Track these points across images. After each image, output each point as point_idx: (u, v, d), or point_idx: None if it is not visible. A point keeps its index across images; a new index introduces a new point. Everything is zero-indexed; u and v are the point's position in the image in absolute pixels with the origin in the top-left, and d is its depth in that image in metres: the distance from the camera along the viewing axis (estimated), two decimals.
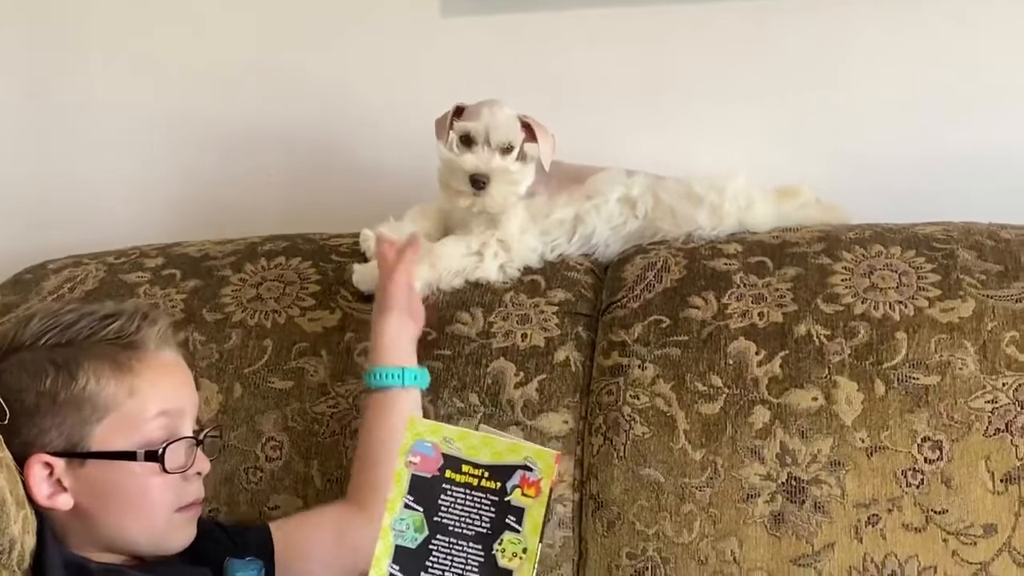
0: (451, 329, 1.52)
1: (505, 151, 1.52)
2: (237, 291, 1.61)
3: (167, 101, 1.96)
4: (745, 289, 1.49)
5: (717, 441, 1.40)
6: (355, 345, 1.53)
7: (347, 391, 1.50)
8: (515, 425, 1.46)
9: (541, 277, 1.57)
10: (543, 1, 1.82)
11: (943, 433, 1.35)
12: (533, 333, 1.51)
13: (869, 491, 1.35)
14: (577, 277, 1.58)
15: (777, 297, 1.47)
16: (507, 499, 1.06)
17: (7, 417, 1.18)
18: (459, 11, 1.85)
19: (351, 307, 1.57)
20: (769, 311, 1.46)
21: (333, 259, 1.63)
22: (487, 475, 1.06)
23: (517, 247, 1.56)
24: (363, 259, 1.61)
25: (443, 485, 1.07)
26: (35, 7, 1.97)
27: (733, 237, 1.58)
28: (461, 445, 1.07)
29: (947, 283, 1.44)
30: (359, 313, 1.56)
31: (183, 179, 1.97)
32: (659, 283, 1.53)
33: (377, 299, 1.48)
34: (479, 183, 1.51)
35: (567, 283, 1.57)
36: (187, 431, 1.25)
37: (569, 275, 1.58)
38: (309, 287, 1.60)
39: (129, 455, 1.20)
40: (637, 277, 1.54)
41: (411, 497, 1.07)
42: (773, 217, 1.61)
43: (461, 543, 1.06)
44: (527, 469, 1.06)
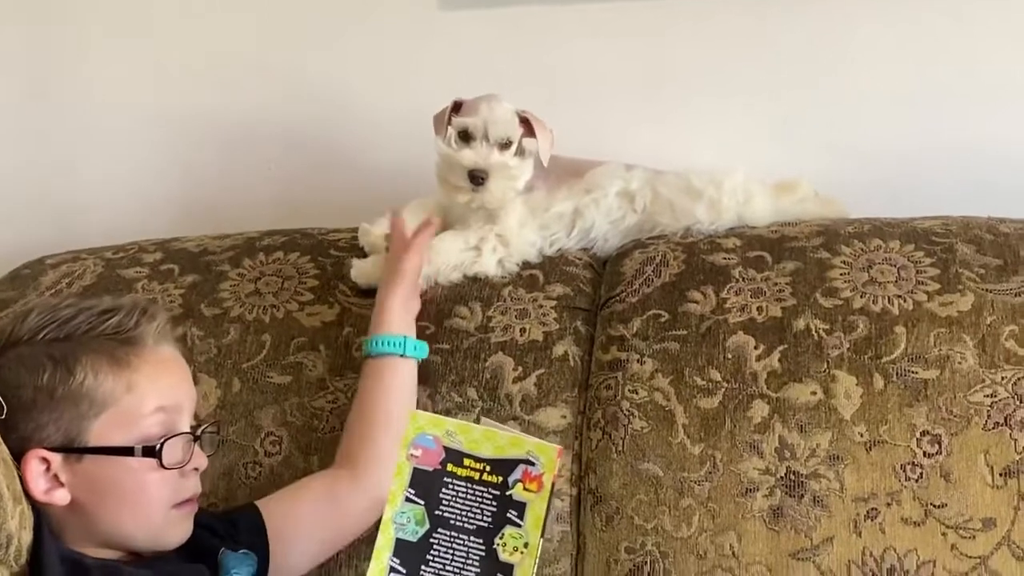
0: (449, 323, 1.52)
1: (503, 146, 1.52)
2: (235, 286, 1.61)
3: (166, 97, 1.96)
4: (744, 283, 1.49)
5: (716, 435, 1.40)
6: (354, 340, 1.52)
7: (346, 386, 1.50)
8: (513, 420, 1.46)
9: (540, 272, 1.57)
10: None
11: (942, 427, 1.35)
12: (532, 327, 1.51)
13: (868, 485, 1.35)
14: (576, 272, 1.58)
15: (776, 291, 1.47)
16: (508, 493, 1.06)
17: (4, 412, 1.18)
18: (457, 4, 1.84)
19: (350, 302, 1.57)
20: (768, 305, 1.46)
21: (332, 254, 1.63)
22: (489, 469, 1.06)
23: (516, 241, 1.56)
24: (362, 254, 1.61)
25: (444, 479, 1.07)
26: (35, 7, 1.97)
27: (732, 231, 1.57)
28: (463, 439, 1.07)
29: (946, 277, 1.44)
30: (358, 308, 1.56)
31: (182, 175, 1.97)
32: (658, 277, 1.53)
33: (385, 274, 1.48)
34: (478, 179, 1.50)
35: (566, 278, 1.56)
36: (185, 427, 1.24)
37: (568, 270, 1.57)
38: (308, 282, 1.60)
39: (126, 450, 1.20)
40: (636, 271, 1.54)
41: (412, 490, 1.07)
42: (772, 211, 1.61)
43: (462, 537, 1.06)
44: (529, 463, 1.06)
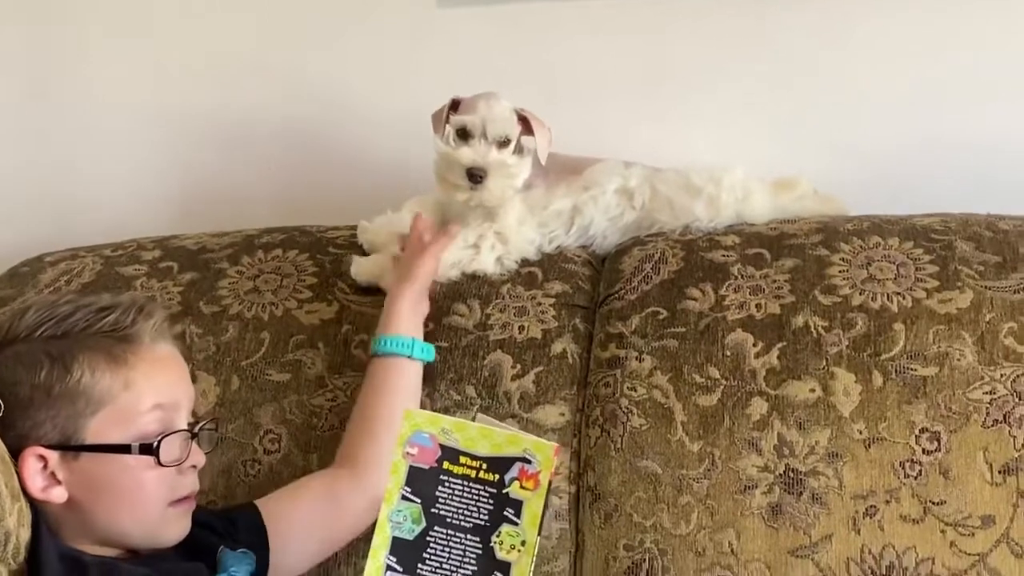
0: (448, 321, 1.52)
1: (502, 144, 1.51)
2: (234, 284, 1.61)
3: (165, 96, 1.96)
4: (743, 281, 1.49)
5: (715, 433, 1.40)
6: (353, 337, 1.53)
7: (345, 383, 1.50)
8: (512, 417, 1.45)
9: (538, 269, 1.56)
10: None
11: (941, 424, 1.35)
12: (530, 325, 1.51)
13: (867, 482, 1.35)
14: (574, 269, 1.57)
15: (775, 289, 1.47)
16: (505, 491, 1.06)
17: (1, 409, 1.18)
18: (456, 2, 1.84)
19: (348, 299, 1.57)
20: (767, 303, 1.46)
21: (330, 251, 1.63)
22: (485, 467, 1.06)
23: (514, 239, 1.56)
24: (361, 251, 1.61)
25: (441, 477, 1.06)
26: (35, 7, 1.97)
27: (731, 229, 1.57)
28: (459, 436, 1.07)
29: (945, 274, 1.44)
30: (356, 305, 1.56)
31: (181, 173, 1.97)
32: (657, 275, 1.52)
33: (397, 274, 1.48)
34: (476, 177, 1.50)
35: (564, 275, 1.56)
36: (182, 424, 1.24)
37: (566, 267, 1.57)
38: (306, 279, 1.60)
39: (123, 448, 1.19)
40: (635, 269, 1.54)
41: (408, 488, 1.06)
42: (771, 209, 1.60)
43: (459, 535, 1.06)
44: (526, 461, 1.06)
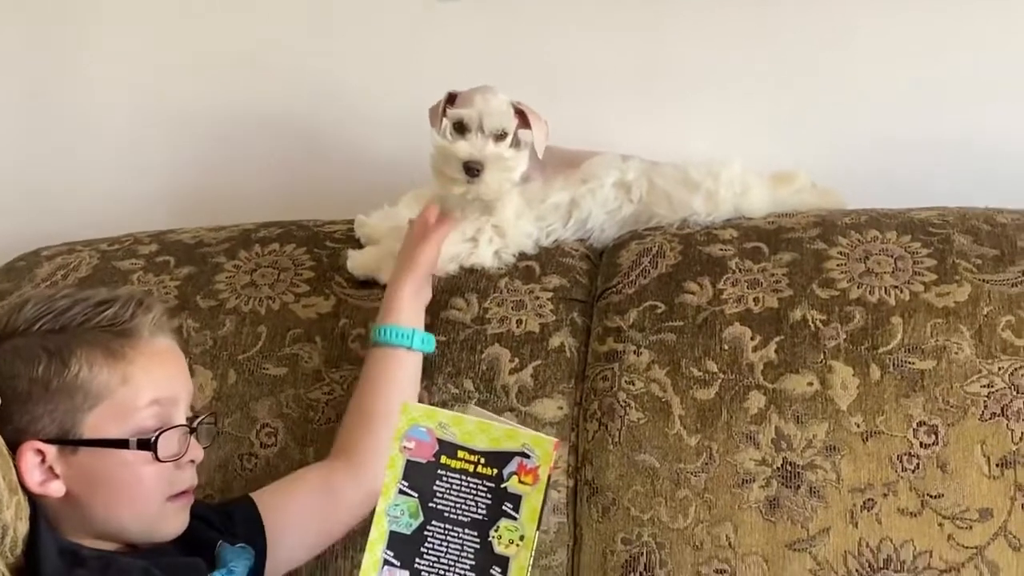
0: (446, 315, 1.52)
1: (499, 138, 1.51)
2: (231, 278, 1.61)
3: (162, 91, 1.95)
4: (740, 274, 1.49)
5: (712, 426, 1.40)
6: (349, 331, 1.52)
7: (342, 377, 1.50)
8: (510, 411, 1.45)
9: (536, 263, 1.56)
10: None
11: (939, 418, 1.35)
12: (528, 319, 1.51)
13: (864, 476, 1.35)
14: (572, 263, 1.57)
15: (772, 282, 1.47)
16: (504, 486, 1.05)
17: None
18: None
19: (345, 293, 1.57)
20: (764, 296, 1.46)
21: (327, 245, 1.63)
22: (483, 461, 1.06)
23: (512, 233, 1.56)
24: (358, 245, 1.61)
25: (438, 471, 1.06)
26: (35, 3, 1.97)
27: (729, 223, 1.57)
28: (456, 431, 1.07)
29: (943, 268, 1.44)
30: (353, 299, 1.56)
31: (178, 167, 1.97)
32: (654, 269, 1.52)
33: (399, 261, 1.48)
34: (473, 170, 1.49)
35: (562, 269, 1.56)
36: (180, 419, 1.24)
37: (564, 261, 1.57)
38: (303, 273, 1.60)
39: (121, 443, 1.19)
40: (632, 263, 1.54)
41: (406, 483, 1.06)
42: (769, 203, 1.60)
43: (457, 529, 1.06)
44: (525, 456, 1.05)
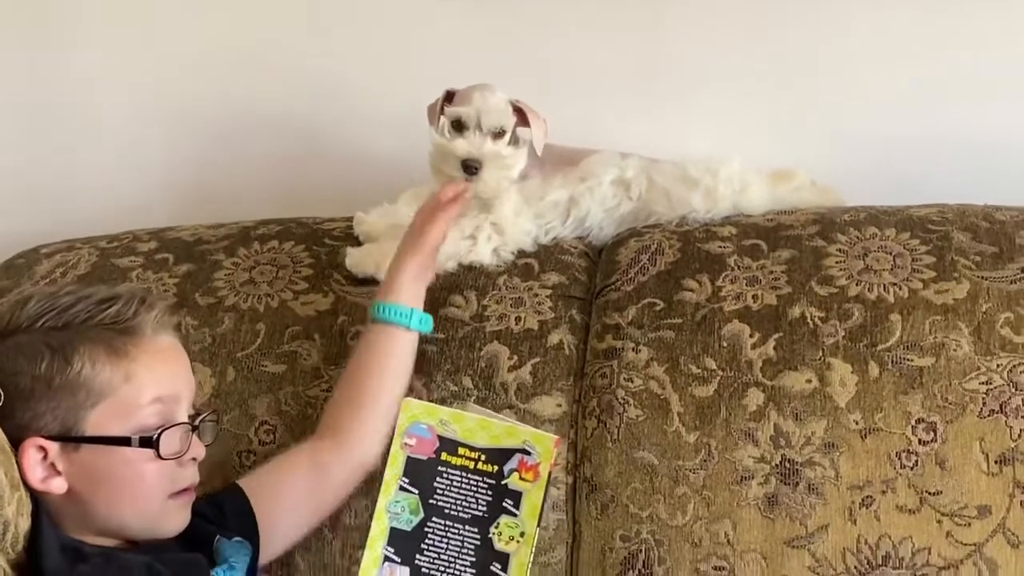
0: (444, 312, 1.52)
1: (497, 135, 1.51)
2: (230, 275, 1.61)
3: (162, 88, 1.95)
4: (739, 272, 1.49)
5: (711, 424, 1.40)
6: (348, 328, 1.52)
7: (340, 374, 1.50)
8: (509, 408, 1.45)
9: (535, 260, 1.56)
10: None
11: (937, 415, 1.36)
12: (527, 316, 1.51)
13: (863, 473, 1.35)
14: (571, 260, 1.58)
15: (771, 280, 1.47)
16: (504, 482, 1.06)
17: (2, 400, 1.18)
18: None
19: (344, 291, 1.57)
20: (763, 293, 1.46)
21: (326, 243, 1.63)
22: (484, 458, 1.06)
23: (511, 230, 1.56)
24: (356, 243, 1.61)
25: (439, 468, 1.07)
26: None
27: (727, 220, 1.57)
28: (457, 427, 1.07)
29: (942, 265, 1.44)
30: (352, 297, 1.55)
31: (177, 165, 1.97)
32: (653, 266, 1.53)
33: (406, 236, 1.46)
34: (471, 168, 1.49)
35: (561, 266, 1.56)
36: (182, 417, 1.24)
37: (563, 258, 1.57)
38: (302, 271, 1.60)
39: (123, 441, 1.19)
40: (631, 260, 1.54)
41: (406, 479, 1.07)
42: (768, 200, 1.61)
43: (457, 526, 1.06)
44: (525, 453, 1.06)
